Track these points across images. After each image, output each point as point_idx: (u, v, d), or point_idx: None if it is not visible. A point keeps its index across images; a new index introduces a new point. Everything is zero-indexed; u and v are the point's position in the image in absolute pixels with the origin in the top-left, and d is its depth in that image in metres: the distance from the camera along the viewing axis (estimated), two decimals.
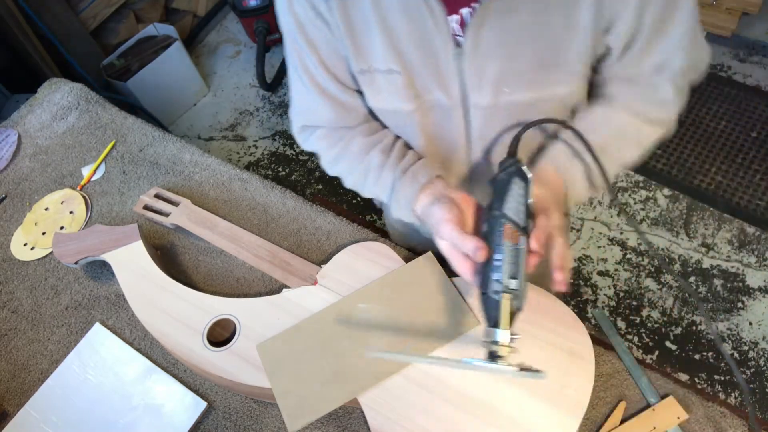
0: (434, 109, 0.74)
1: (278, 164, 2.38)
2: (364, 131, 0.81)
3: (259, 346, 0.81)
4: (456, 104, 0.72)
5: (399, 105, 0.73)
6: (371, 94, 0.74)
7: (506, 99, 0.69)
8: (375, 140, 0.80)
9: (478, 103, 0.71)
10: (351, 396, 0.75)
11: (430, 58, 0.67)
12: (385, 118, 0.80)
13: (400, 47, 0.67)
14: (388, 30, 0.66)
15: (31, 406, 0.86)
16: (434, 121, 0.76)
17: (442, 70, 0.68)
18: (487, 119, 0.73)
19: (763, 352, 1.67)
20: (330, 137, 0.82)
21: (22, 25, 1.99)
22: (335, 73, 0.75)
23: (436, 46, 0.66)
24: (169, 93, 2.48)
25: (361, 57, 0.70)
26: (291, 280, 0.90)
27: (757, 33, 2.34)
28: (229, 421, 0.82)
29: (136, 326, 0.93)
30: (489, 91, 0.69)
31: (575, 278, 1.89)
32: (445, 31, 0.64)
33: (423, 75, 0.69)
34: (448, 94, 0.71)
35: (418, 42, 0.66)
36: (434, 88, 0.71)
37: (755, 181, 1.99)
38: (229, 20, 2.99)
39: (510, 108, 0.71)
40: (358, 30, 0.68)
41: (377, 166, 0.78)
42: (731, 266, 1.85)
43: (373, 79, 0.72)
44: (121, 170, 1.14)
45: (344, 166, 0.82)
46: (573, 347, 0.74)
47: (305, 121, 0.83)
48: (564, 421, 0.69)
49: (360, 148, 0.79)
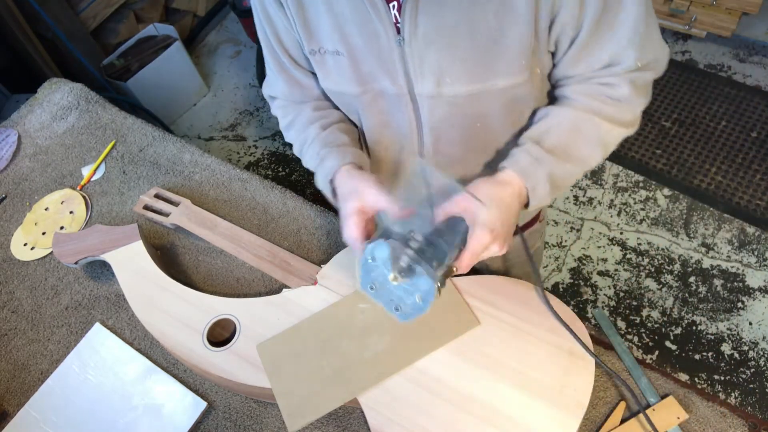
0: (383, 96, 0.75)
1: (278, 164, 2.38)
2: (313, 106, 0.85)
3: (259, 346, 0.81)
4: (403, 92, 0.73)
5: (346, 87, 0.75)
6: (322, 75, 0.77)
7: (449, 89, 0.70)
8: (319, 116, 0.83)
9: (423, 92, 0.71)
10: (351, 396, 0.75)
11: (373, 44, 0.69)
12: (336, 101, 0.82)
13: (344, 30, 0.69)
14: (334, 13, 0.68)
15: (31, 406, 0.86)
16: (383, 109, 0.77)
17: (386, 56, 0.69)
18: (434, 109, 0.73)
19: (763, 352, 1.67)
20: (285, 108, 0.88)
21: (22, 25, 1.99)
22: (290, 52, 0.79)
23: (378, 32, 0.67)
24: (169, 93, 2.48)
25: (312, 38, 0.73)
26: (291, 280, 0.90)
27: (757, 33, 2.34)
28: (229, 421, 0.82)
29: (136, 326, 0.93)
30: (431, 81, 0.69)
31: (575, 278, 1.89)
32: (386, 17, 0.65)
33: (368, 60, 0.71)
34: (394, 81, 0.71)
35: (361, 27, 0.68)
36: (380, 76, 0.72)
37: (755, 181, 1.99)
38: (229, 20, 2.99)
39: (455, 99, 0.71)
40: (307, 11, 0.70)
41: (312, 137, 0.81)
42: (731, 266, 1.85)
43: (323, 60, 0.74)
44: (121, 170, 1.14)
45: (292, 135, 0.86)
46: (573, 347, 0.74)
47: (269, 90, 0.90)
48: (564, 421, 0.69)
49: (305, 119, 0.84)
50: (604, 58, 0.68)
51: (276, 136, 2.47)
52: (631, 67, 0.68)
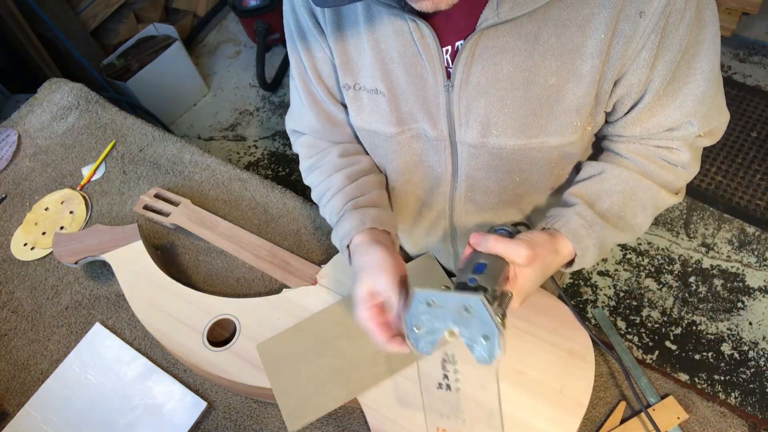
0: (419, 139, 0.71)
1: (278, 164, 2.38)
2: (340, 150, 0.79)
3: (259, 346, 0.81)
4: (443, 137, 0.69)
5: (381, 127, 0.70)
6: (354, 111, 0.72)
7: (494, 141, 0.66)
8: (346, 163, 0.78)
9: (465, 140, 0.67)
10: (351, 396, 0.75)
11: (418, 85, 0.65)
12: (366, 139, 0.77)
13: (389, 68, 0.65)
14: (380, 51, 0.64)
15: (31, 406, 0.86)
16: (418, 151, 0.73)
17: (430, 100, 0.66)
18: (474, 157, 0.69)
19: (763, 352, 1.67)
20: (311, 147, 0.82)
21: (22, 25, 1.99)
22: (327, 84, 0.74)
23: (426, 74, 0.64)
24: (169, 93, 2.48)
25: (348, 72, 0.69)
26: (291, 280, 0.90)
27: (757, 33, 2.34)
28: (229, 421, 0.82)
29: (136, 326, 0.93)
30: (476, 130, 0.65)
31: (575, 278, 1.89)
32: (438, 61, 0.62)
33: (410, 101, 0.67)
34: (435, 126, 0.68)
35: (408, 67, 0.64)
36: (420, 117, 0.68)
37: (755, 181, 1.99)
38: (229, 20, 2.99)
39: (498, 151, 0.67)
40: (348, 43, 0.66)
41: (335, 188, 0.76)
42: (731, 266, 1.85)
43: (358, 97, 0.70)
44: (121, 170, 1.14)
45: (314, 179, 0.81)
46: (573, 347, 0.74)
47: (294, 125, 0.83)
48: (564, 421, 0.69)
49: (330, 166, 0.78)
50: (666, 124, 0.64)
51: (276, 136, 2.47)
52: (693, 134, 0.65)
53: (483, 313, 0.50)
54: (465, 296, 0.51)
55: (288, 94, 2.60)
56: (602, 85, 0.60)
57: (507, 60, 0.59)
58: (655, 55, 0.58)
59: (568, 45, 0.57)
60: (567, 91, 0.60)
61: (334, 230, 0.74)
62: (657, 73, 0.59)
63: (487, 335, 0.51)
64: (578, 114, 0.62)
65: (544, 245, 0.62)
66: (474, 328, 0.51)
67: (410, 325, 0.55)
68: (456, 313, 0.52)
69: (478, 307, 0.50)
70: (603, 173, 0.69)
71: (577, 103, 0.61)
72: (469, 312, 0.51)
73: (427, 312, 0.53)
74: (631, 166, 0.68)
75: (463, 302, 0.51)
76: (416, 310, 0.54)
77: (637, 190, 0.68)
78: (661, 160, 0.68)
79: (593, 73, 0.59)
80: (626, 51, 0.57)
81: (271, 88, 2.60)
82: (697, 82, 0.61)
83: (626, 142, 0.70)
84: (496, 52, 0.59)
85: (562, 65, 0.59)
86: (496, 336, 0.50)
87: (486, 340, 0.51)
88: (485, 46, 0.59)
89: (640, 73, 0.59)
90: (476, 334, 0.52)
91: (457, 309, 0.52)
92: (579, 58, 0.58)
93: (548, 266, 0.63)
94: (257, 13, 2.52)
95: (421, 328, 0.54)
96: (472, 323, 0.51)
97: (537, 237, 0.63)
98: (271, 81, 2.59)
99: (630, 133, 0.67)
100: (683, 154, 0.67)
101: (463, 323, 0.52)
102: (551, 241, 0.64)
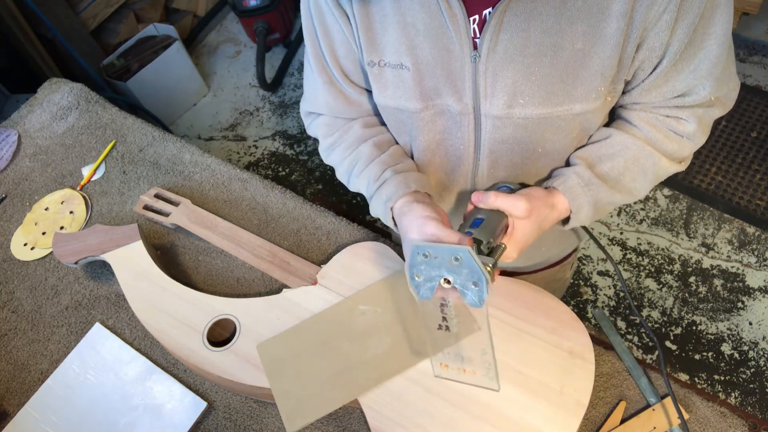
0: (444, 115, 0.72)
1: (278, 164, 2.38)
2: (362, 123, 0.80)
3: (259, 346, 0.81)
4: (467, 111, 0.69)
5: (404, 103, 0.71)
6: (378, 88, 0.72)
7: (520, 111, 0.66)
8: (371, 133, 0.79)
9: (490, 112, 0.68)
10: (351, 397, 0.75)
11: (444, 58, 0.65)
12: (391, 118, 0.77)
13: (414, 42, 0.66)
14: (406, 25, 0.65)
15: (31, 406, 0.86)
16: (442, 128, 0.73)
17: (455, 72, 0.66)
18: (498, 130, 0.70)
19: (763, 352, 1.67)
20: (330, 125, 0.82)
21: (22, 25, 2.00)
22: (345, 65, 0.75)
23: (453, 46, 0.64)
24: (169, 93, 2.48)
25: (373, 48, 0.69)
26: (291, 280, 0.90)
27: (757, 33, 2.34)
28: (229, 421, 0.82)
29: (136, 326, 0.93)
30: (502, 100, 0.66)
31: (575, 278, 1.89)
32: (465, 32, 0.62)
33: (435, 74, 0.67)
34: (460, 99, 0.68)
35: (434, 40, 0.64)
36: (445, 92, 0.68)
37: (755, 181, 1.99)
38: (229, 20, 2.99)
39: (524, 121, 0.68)
40: (374, 20, 0.67)
41: (366, 158, 0.77)
42: (731, 266, 1.85)
43: (382, 73, 0.70)
44: (121, 170, 1.14)
45: (337, 155, 0.81)
46: (573, 347, 0.74)
47: (310, 106, 0.84)
48: (564, 421, 0.69)
49: (355, 137, 0.79)
50: (680, 88, 0.66)
51: (276, 136, 2.47)
52: (705, 99, 0.66)
53: (471, 262, 0.56)
54: (455, 247, 0.57)
55: (288, 94, 2.60)
56: (626, 47, 0.61)
57: (535, 26, 0.60)
58: (676, 18, 0.59)
59: (593, 7, 0.59)
60: (593, 54, 0.62)
61: (376, 195, 0.75)
62: (676, 37, 0.61)
63: (476, 281, 0.57)
64: (603, 78, 0.63)
65: (540, 199, 0.67)
66: (464, 275, 0.57)
67: (411, 275, 0.60)
68: (449, 263, 0.58)
69: (467, 257, 0.56)
70: (609, 138, 0.72)
71: (602, 65, 0.62)
72: (459, 261, 0.57)
73: (425, 262, 0.59)
74: (637, 133, 0.71)
75: (454, 253, 0.57)
76: (415, 261, 0.59)
77: (639, 157, 0.70)
78: (668, 130, 0.70)
79: (618, 35, 0.60)
80: (649, 14, 0.58)
81: (271, 88, 2.60)
82: (711, 47, 0.62)
83: (638, 110, 0.71)
84: (524, 19, 0.60)
85: (588, 28, 0.60)
86: (484, 282, 0.56)
87: (476, 286, 0.57)
88: (514, 13, 0.60)
89: (662, 36, 0.60)
90: (467, 281, 0.57)
91: (449, 259, 0.57)
92: (604, 20, 0.59)
93: (544, 220, 0.67)
94: (257, 13, 2.52)
95: (420, 277, 0.60)
96: (462, 271, 0.57)
97: (535, 192, 0.68)
98: (271, 81, 2.59)
99: (646, 100, 0.69)
100: (690, 125, 0.69)
101: (455, 272, 0.58)
102: (548, 195, 0.69)
